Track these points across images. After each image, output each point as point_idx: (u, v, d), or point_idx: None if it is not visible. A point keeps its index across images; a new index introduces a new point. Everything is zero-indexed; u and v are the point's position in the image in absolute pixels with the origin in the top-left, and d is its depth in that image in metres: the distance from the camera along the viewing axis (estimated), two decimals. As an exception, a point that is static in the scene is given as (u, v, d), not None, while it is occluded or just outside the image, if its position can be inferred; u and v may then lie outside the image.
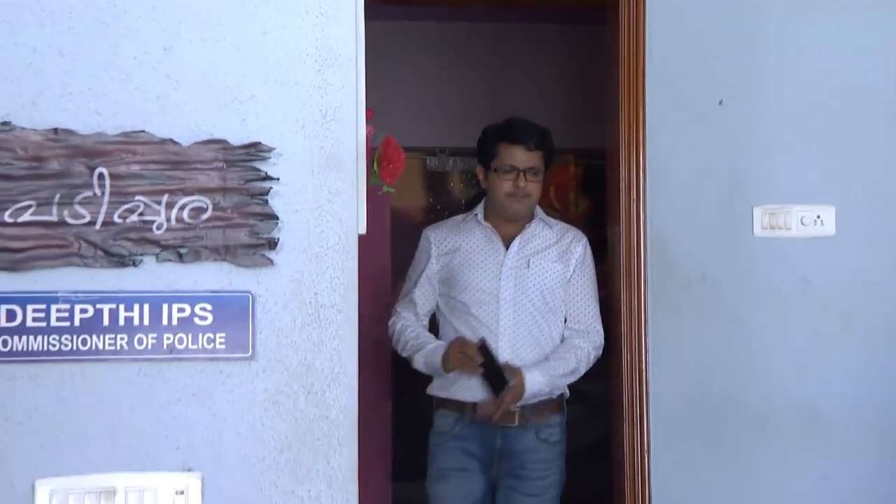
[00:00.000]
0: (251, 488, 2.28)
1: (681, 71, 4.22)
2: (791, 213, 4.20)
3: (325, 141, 2.32)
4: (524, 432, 3.94)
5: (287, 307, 2.30)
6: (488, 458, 3.95)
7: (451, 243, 4.08)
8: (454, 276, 4.04)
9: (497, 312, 3.97)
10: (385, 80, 6.88)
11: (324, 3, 2.33)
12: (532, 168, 3.99)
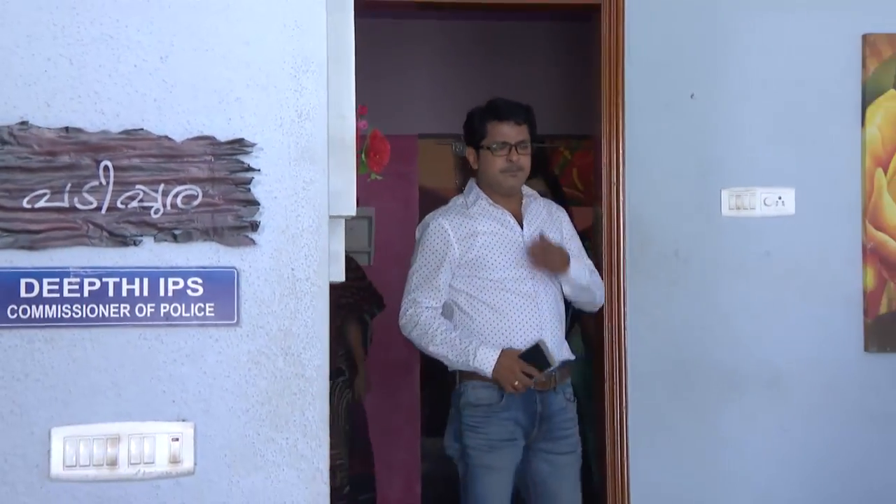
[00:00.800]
0: (236, 436, 2.32)
1: (656, 67, 4.29)
2: (755, 194, 4.26)
3: (300, 137, 2.36)
4: (555, 395, 3.82)
5: (267, 281, 2.35)
6: (531, 424, 3.79)
7: (467, 228, 3.87)
8: (481, 258, 3.83)
9: (534, 285, 3.82)
10: (405, 74, 7.02)
11: (299, 17, 2.36)
12: (522, 142, 3.87)
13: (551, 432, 3.82)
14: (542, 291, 3.83)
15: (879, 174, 4.24)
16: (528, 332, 3.77)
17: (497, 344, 3.74)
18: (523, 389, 3.70)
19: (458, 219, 3.90)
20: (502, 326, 3.78)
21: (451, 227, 3.87)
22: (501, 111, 3.89)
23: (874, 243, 4.23)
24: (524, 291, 3.81)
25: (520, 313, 3.79)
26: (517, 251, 3.85)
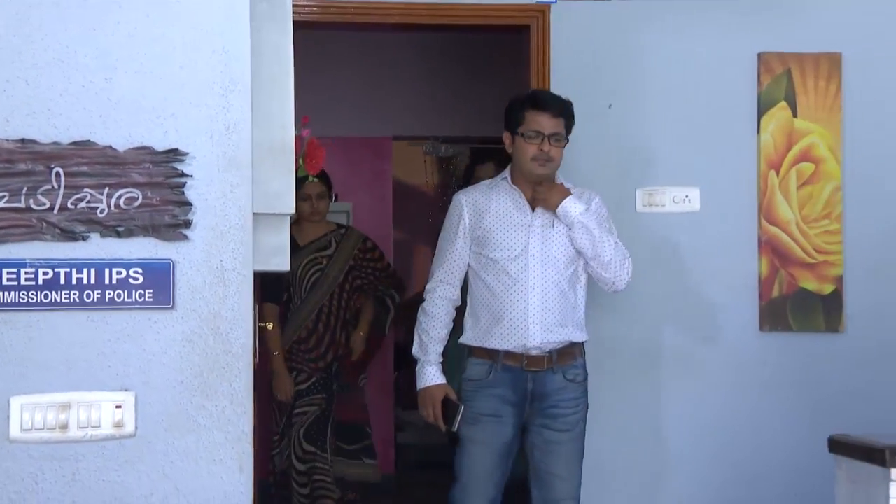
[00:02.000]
0: (172, 404, 2.42)
1: (578, 80, 4.31)
2: (665, 193, 4.32)
3: (227, 147, 2.46)
4: (552, 375, 3.62)
5: (199, 270, 2.45)
6: (521, 401, 3.61)
7: (481, 204, 3.70)
8: (486, 234, 3.66)
9: (527, 268, 3.61)
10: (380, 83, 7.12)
11: (226, 45, 2.47)
12: (555, 134, 3.64)
13: (547, 410, 3.63)
14: (535, 280, 3.61)
15: (773, 176, 4.32)
16: (513, 315, 3.60)
17: (485, 324, 3.62)
18: (431, 422, 3.68)
19: (476, 195, 3.75)
20: (493, 306, 3.63)
21: (467, 201, 3.72)
22: (540, 101, 3.70)
23: (768, 236, 4.30)
24: (516, 275, 3.62)
25: (508, 296, 3.61)
26: (521, 235, 3.65)
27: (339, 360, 4.97)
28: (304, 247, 4.89)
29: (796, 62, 4.33)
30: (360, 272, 5.06)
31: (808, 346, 4.33)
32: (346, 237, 5.06)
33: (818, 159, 4.35)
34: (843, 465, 2.85)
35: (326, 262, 4.96)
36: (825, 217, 4.34)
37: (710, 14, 4.35)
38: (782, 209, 4.32)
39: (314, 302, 4.92)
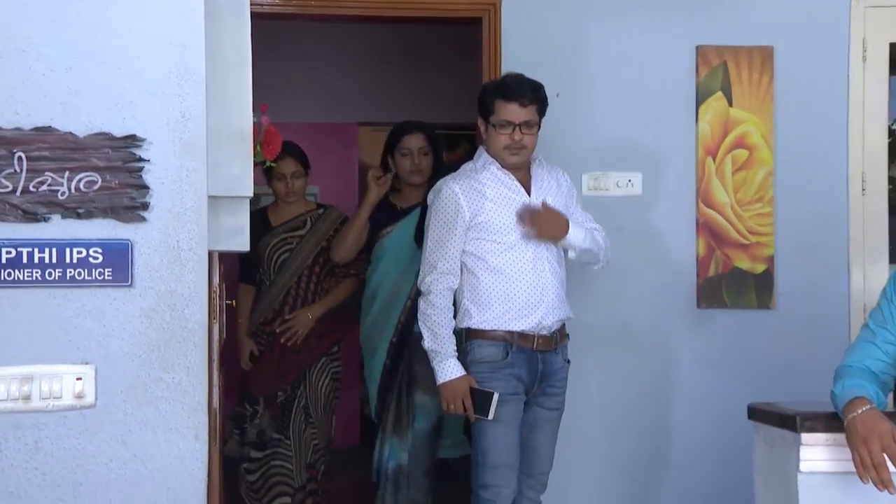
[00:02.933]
0: (131, 376, 2.44)
1: (528, 70, 4.19)
2: (609, 178, 4.34)
3: (183, 134, 2.47)
4: (555, 355, 3.58)
5: (157, 250, 2.45)
6: (532, 381, 3.52)
7: (476, 191, 3.54)
8: (489, 222, 3.52)
9: (537, 249, 3.52)
10: (345, 72, 7.13)
11: (182, 37, 2.47)
12: (527, 122, 3.52)
13: (546, 389, 3.57)
14: (544, 255, 3.55)
15: (709, 162, 4.35)
16: (530, 295, 3.51)
17: (498, 307, 3.50)
18: (453, 414, 3.50)
19: (468, 182, 3.57)
20: (505, 290, 3.51)
21: (462, 191, 3.54)
22: (509, 90, 3.54)
23: (705, 218, 4.33)
24: (528, 255, 3.52)
25: (522, 277, 3.51)
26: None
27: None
28: (275, 227, 4.53)
29: (731, 55, 4.37)
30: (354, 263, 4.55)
31: (742, 322, 4.38)
32: (323, 217, 4.60)
33: (752, 146, 4.39)
34: (760, 430, 2.90)
35: (297, 242, 4.53)
36: (758, 201, 4.39)
37: (652, 9, 4.37)
38: (718, 193, 4.36)
39: (281, 284, 4.51)
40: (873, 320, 2.77)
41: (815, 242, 4.42)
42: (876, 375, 2.70)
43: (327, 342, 4.54)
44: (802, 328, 4.36)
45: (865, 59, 4.44)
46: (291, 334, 4.43)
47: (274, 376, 4.45)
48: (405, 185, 4.34)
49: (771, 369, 4.29)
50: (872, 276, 4.37)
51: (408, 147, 4.29)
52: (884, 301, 2.75)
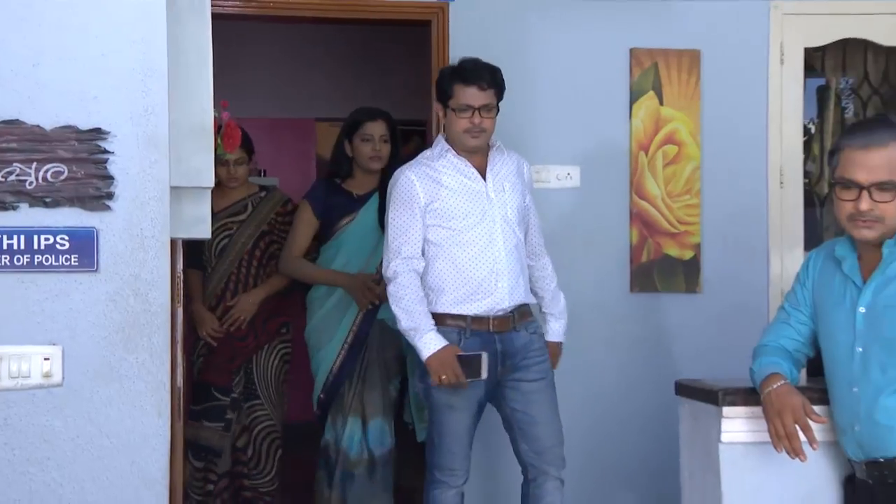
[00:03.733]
0: (96, 356, 2.40)
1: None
2: (550, 170, 4.35)
3: (146, 127, 2.43)
4: (517, 333, 3.42)
5: (121, 237, 2.42)
6: (492, 362, 3.36)
7: (432, 178, 3.43)
8: (446, 207, 3.40)
9: (491, 233, 3.39)
10: (304, 70, 7.09)
11: (145, 34, 2.43)
12: (486, 105, 3.40)
13: (519, 364, 3.43)
14: (499, 241, 3.41)
15: (642, 156, 4.39)
16: (483, 280, 3.39)
17: (453, 292, 3.40)
18: (447, 385, 3.31)
19: (424, 170, 3.45)
20: (459, 274, 3.40)
21: (417, 178, 3.42)
22: (468, 74, 3.41)
23: (638, 209, 4.37)
24: (482, 241, 3.40)
25: (476, 262, 3.39)
26: (479, 202, 3.43)
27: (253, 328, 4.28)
28: (216, 213, 4.15)
29: (662, 57, 4.40)
30: (276, 236, 4.30)
31: (671, 305, 4.42)
32: (264, 200, 4.33)
33: (680, 142, 4.43)
34: (685, 405, 2.93)
35: (236, 227, 4.26)
36: (686, 193, 4.43)
37: (589, 13, 4.39)
38: (650, 186, 4.40)
39: (223, 270, 4.25)
40: (788, 303, 2.81)
41: (738, 231, 4.47)
42: (790, 353, 2.75)
43: (273, 326, 4.31)
44: (726, 311, 4.41)
45: (783, 62, 4.49)
46: (234, 320, 4.20)
47: (223, 362, 4.21)
48: (360, 172, 4.16)
49: (697, 349, 4.34)
50: (789, 262, 4.43)
51: (369, 133, 4.12)
52: (797, 285, 2.79)
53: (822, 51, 4.64)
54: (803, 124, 4.61)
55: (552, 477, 3.43)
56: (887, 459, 2.48)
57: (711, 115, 4.46)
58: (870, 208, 2.48)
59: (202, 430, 4.18)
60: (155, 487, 2.44)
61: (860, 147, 2.50)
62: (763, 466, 2.69)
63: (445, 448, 3.41)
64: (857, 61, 4.68)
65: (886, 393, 2.47)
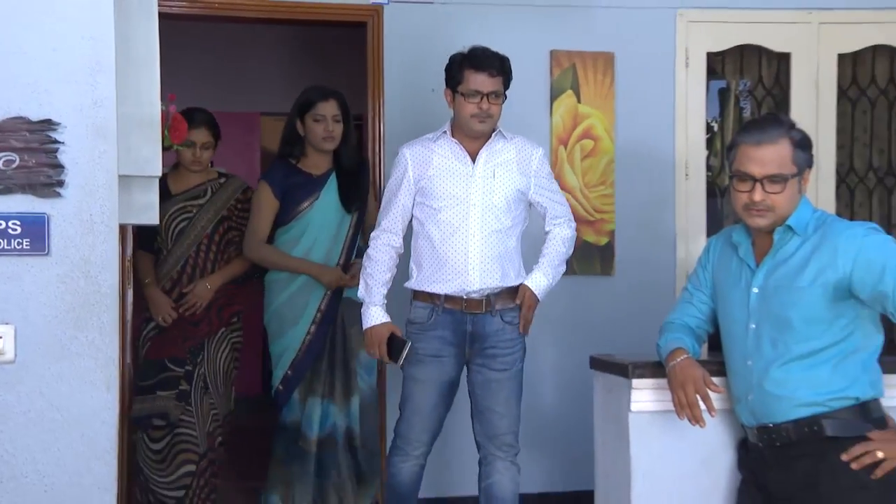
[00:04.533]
0: (47, 335, 2.35)
1: (407, 68, 4.35)
2: None
3: (95, 119, 2.37)
4: (490, 317, 3.30)
5: (71, 222, 2.37)
6: (461, 342, 3.30)
7: (424, 157, 3.35)
8: (430, 185, 3.31)
9: (467, 216, 3.27)
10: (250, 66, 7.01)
11: (94, 31, 2.37)
12: (494, 92, 3.29)
13: (486, 350, 3.32)
14: (475, 226, 3.28)
15: (562, 150, 4.43)
16: (455, 261, 3.29)
17: (428, 269, 3.31)
18: (375, 358, 3.37)
19: (419, 148, 3.38)
20: (434, 253, 3.31)
21: (411, 155, 3.36)
22: (479, 61, 3.31)
23: (558, 199, 4.42)
24: (455, 223, 3.29)
25: (449, 243, 3.29)
26: (462, 185, 3.31)
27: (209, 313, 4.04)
28: (175, 195, 3.98)
29: (579, 59, 4.45)
30: (234, 223, 4.06)
31: (588, 286, 4.48)
32: (224, 186, 4.07)
33: (596, 137, 4.48)
34: (599, 378, 2.97)
35: (196, 211, 4.00)
36: (601, 184, 4.49)
37: (512, 17, 4.43)
38: (569, 177, 4.45)
39: (179, 253, 3.98)
40: (691, 284, 2.86)
41: (648, 219, 4.55)
42: (693, 330, 2.79)
43: (228, 313, 4.05)
44: (637, 291, 4.49)
45: (688, 65, 4.57)
46: (190, 305, 3.96)
47: (176, 339, 3.95)
48: (313, 151, 3.95)
49: (611, 326, 4.40)
50: (693, 247, 4.52)
51: (322, 113, 3.89)
52: (699, 268, 2.84)
53: (722, 56, 4.72)
54: (706, 122, 4.71)
55: (500, 458, 3.36)
56: (776, 425, 2.54)
57: (624, 113, 4.52)
58: (762, 199, 2.54)
59: (157, 400, 3.89)
60: (105, 458, 2.40)
61: (754, 143, 2.55)
62: (668, 432, 2.74)
63: (406, 417, 3.37)
64: (752, 65, 4.77)
65: (776, 365, 2.53)
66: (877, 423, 2.50)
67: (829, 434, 2.48)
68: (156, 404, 3.91)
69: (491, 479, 3.36)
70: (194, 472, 3.90)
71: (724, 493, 2.74)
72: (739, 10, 4.60)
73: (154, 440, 3.91)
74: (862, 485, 2.44)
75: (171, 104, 3.48)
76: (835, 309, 2.49)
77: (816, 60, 4.65)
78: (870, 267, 2.43)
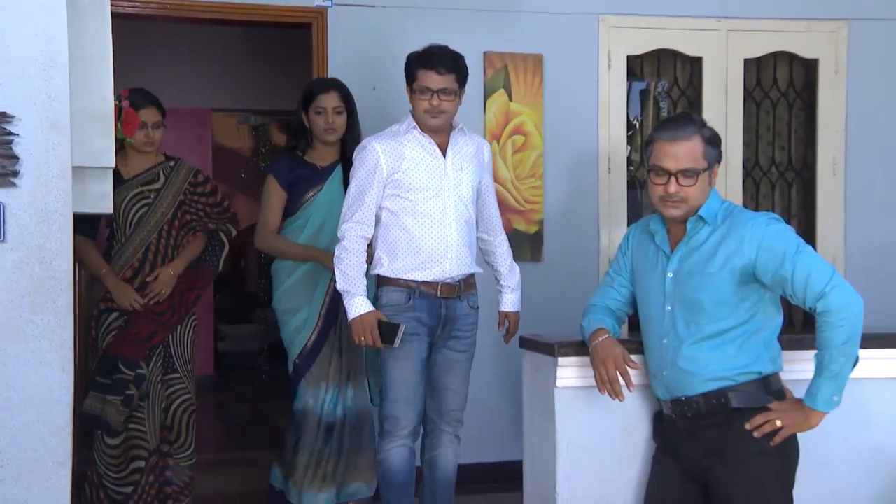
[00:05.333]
0: (4, 318, 2.33)
1: (350, 68, 4.26)
2: None
3: (49, 113, 2.35)
4: (460, 302, 3.24)
5: (26, 211, 2.34)
6: (435, 324, 3.21)
7: (396, 151, 3.20)
8: (406, 179, 3.18)
9: (444, 207, 3.17)
10: (201, 64, 6.91)
11: (47, 29, 2.34)
12: (444, 89, 3.17)
13: (453, 333, 3.25)
14: (451, 216, 3.21)
15: (495, 145, 4.40)
16: (434, 250, 3.19)
17: (405, 259, 3.20)
18: (362, 345, 3.18)
19: (389, 142, 3.22)
20: (412, 243, 3.20)
21: (382, 149, 3.20)
22: (428, 59, 3.21)
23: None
24: (435, 214, 3.18)
25: (428, 233, 3.19)
26: (437, 177, 3.21)
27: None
28: (128, 180, 3.63)
29: (511, 60, 4.45)
30: (190, 207, 3.75)
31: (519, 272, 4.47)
32: (175, 170, 3.74)
33: (527, 133, 4.49)
34: (528, 356, 2.98)
35: (154, 196, 3.67)
36: (531, 176, 4.50)
37: (448, 20, 4.39)
38: (501, 170, 4.44)
39: (140, 240, 3.66)
40: (612, 269, 2.88)
41: (574, 209, 4.57)
42: (613, 312, 2.82)
43: (191, 298, 3.76)
44: (563, 277, 4.50)
45: (610, 67, 4.60)
46: (155, 294, 3.65)
47: (138, 337, 3.62)
48: (319, 144, 3.75)
49: (540, 309, 4.36)
50: (615, 235, 4.55)
51: (322, 106, 3.68)
52: (620, 254, 2.87)
53: (641, 58, 4.75)
54: (628, 120, 4.75)
55: (447, 433, 3.32)
56: (687, 398, 2.58)
57: (552, 111, 4.52)
58: (676, 191, 2.57)
59: (106, 405, 3.58)
60: (60, 434, 2.38)
61: (669, 140, 2.59)
62: (590, 406, 2.76)
63: (391, 398, 3.23)
64: (668, 68, 4.82)
65: (688, 343, 2.57)
66: (776, 395, 2.56)
67: (734, 405, 2.53)
68: (104, 409, 3.58)
69: (436, 451, 3.32)
70: (143, 468, 3.62)
71: (641, 461, 2.78)
72: (656, 17, 4.64)
73: (111, 436, 3.61)
74: (762, 451, 2.50)
75: (123, 100, 3.44)
76: (741, 292, 2.54)
77: (725, 65, 4.72)
78: (772, 254, 2.48)
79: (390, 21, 4.35)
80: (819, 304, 2.43)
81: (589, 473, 2.76)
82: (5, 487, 2.31)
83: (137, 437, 3.63)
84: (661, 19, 4.64)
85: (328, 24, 4.33)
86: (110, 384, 3.57)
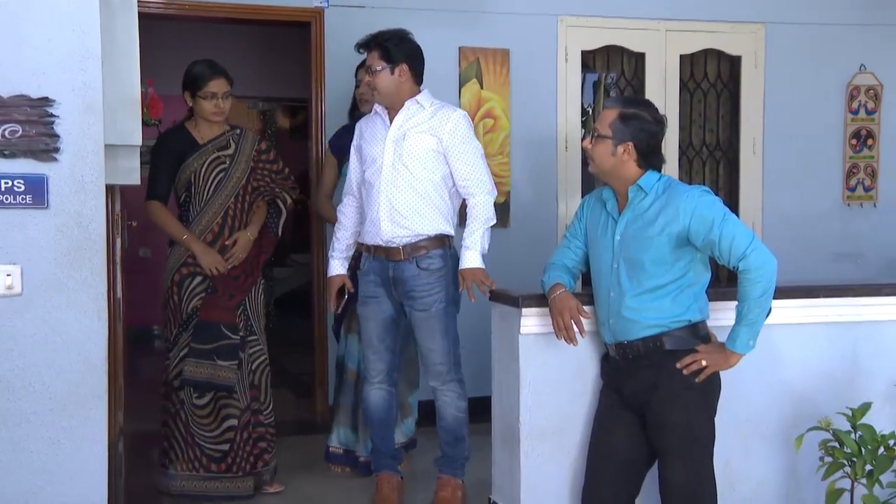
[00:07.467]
0: (48, 274, 2.31)
1: (344, 62, 4.22)
2: None
3: (85, 98, 2.31)
4: (407, 264, 3.04)
5: (66, 182, 2.31)
6: (387, 284, 3.08)
7: (362, 127, 3.16)
8: (362, 151, 3.13)
9: (378, 174, 3.01)
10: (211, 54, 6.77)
11: (83, 24, 2.30)
12: (370, 67, 3.04)
13: (408, 293, 3.08)
14: (385, 182, 3.01)
15: (469, 124, 4.42)
16: (371, 216, 3.06)
17: (363, 226, 3.12)
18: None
19: (363, 122, 3.18)
20: (363, 209, 3.14)
21: (358, 127, 3.18)
22: (359, 45, 3.16)
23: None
24: (371, 181, 3.06)
25: (368, 200, 3.09)
26: (379, 147, 3.05)
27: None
28: (204, 145, 3.30)
29: (482, 53, 4.44)
30: (257, 173, 3.38)
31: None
32: (243, 137, 3.38)
33: (496, 117, 4.49)
34: (496, 308, 2.99)
35: (229, 161, 3.32)
36: (500, 154, 4.51)
37: (429, 19, 4.37)
38: (473, 151, 4.43)
39: (219, 204, 3.30)
40: (569, 233, 2.89)
41: (536, 182, 4.59)
42: (570, 269, 2.83)
43: (261, 262, 3.41)
44: (527, 240, 4.53)
45: (567, 60, 4.60)
46: (236, 258, 3.31)
47: (230, 305, 3.30)
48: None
49: (507, 267, 4.38)
50: (571, 204, 4.59)
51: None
52: (576, 220, 2.87)
53: (593, 54, 4.76)
54: (582, 106, 4.75)
55: (437, 387, 3.18)
56: (629, 342, 2.62)
57: (518, 98, 4.53)
58: (586, 146, 2.64)
59: (218, 370, 3.25)
60: (96, 372, 2.37)
61: (604, 107, 2.63)
62: (548, 350, 2.78)
63: (363, 351, 3.29)
64: (616, 62, 4.83)
65: (630, 296, 2.60)
66: (703, 340, 2.60)
67: (667, 348, 2.56)
68: (217, 373, 3.25)
69: (437, 403, 3.22)
70: (236, 426, 3.30)
71: (591, 396, 2.82)
72: (607, 18, 4.66)
73: (199, 396, 3.28)
74: (690, 386, 2.55)
75: (149, 87, 3.39)
76: (676, 253, 2.56)
77: (664, 59, 4.74)
78: (703, 221, 2.50)
79: (379, 20, 4.21)
80: (741, 264, 2.47)
81: (547, 406, 2.79)
82: (53, 417, 2.31)
83: (227, 397, 3.29)
84: (611, 20, 4.66)
85: (325, 23, 4.29)
86: (214, 349, 3.24)
